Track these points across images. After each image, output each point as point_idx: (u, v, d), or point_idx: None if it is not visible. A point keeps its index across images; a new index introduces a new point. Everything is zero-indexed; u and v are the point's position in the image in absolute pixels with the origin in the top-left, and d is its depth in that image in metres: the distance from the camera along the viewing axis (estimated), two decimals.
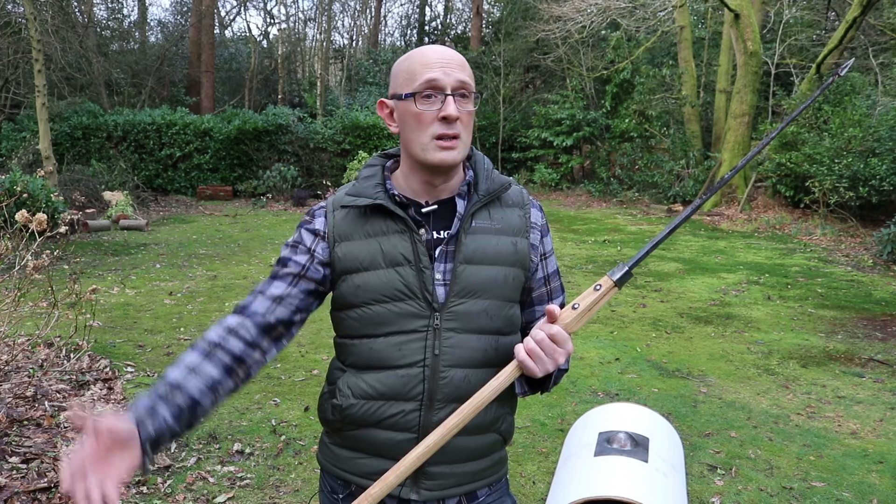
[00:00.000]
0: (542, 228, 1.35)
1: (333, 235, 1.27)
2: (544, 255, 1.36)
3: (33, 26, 10.43)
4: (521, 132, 17.32)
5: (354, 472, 1.29)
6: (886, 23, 14.22)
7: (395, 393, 1.23)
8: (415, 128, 1.21)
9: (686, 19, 15.26)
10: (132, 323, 5.61)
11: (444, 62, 1.20)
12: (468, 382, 1.23)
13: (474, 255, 1.25)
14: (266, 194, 15.03)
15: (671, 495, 1.76)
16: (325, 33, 23.51)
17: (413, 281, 1.22)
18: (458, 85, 1.20)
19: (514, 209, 1.32)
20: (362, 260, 1.24)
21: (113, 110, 15.97)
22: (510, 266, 1.28)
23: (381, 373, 1.24)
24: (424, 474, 1.26)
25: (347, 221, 1.27)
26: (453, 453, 1.26)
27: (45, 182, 8.94)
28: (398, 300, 1.22)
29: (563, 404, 4.07)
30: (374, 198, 1.25)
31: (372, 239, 1.25)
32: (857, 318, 6.09)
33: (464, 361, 1.24)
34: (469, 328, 1.24)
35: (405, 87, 1.22)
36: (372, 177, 1.30)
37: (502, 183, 1.31)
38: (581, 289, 7.14)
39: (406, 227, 1.23)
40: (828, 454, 3.48)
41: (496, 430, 1.32)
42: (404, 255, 1.23)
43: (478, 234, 1.26)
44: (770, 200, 12.62)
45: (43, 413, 3.58)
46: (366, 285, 1.23)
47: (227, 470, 3.22)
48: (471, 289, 1.24)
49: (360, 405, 1.25)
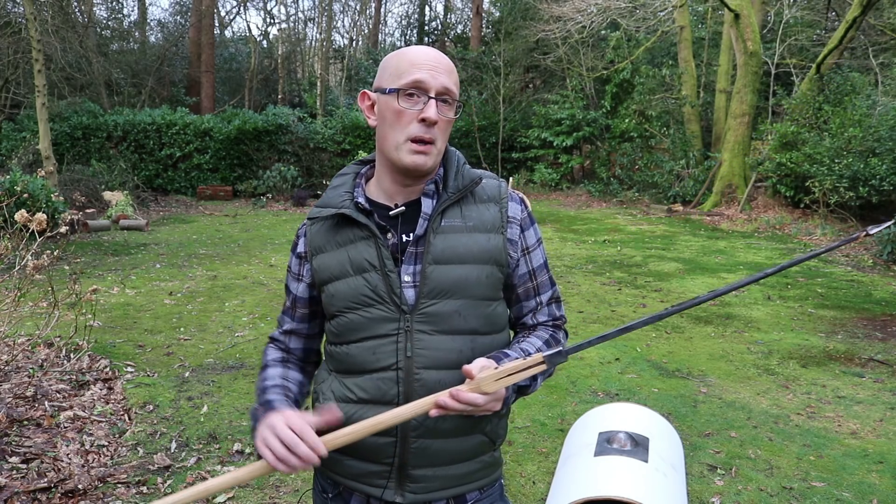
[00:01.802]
0: (521, 222, 1.32)
1: (311, 250, 1.32)
2: (527, 250, 1.33)
3: (33, 26, 10.43)
4: (521, 132, 17.32)
5: (341, 473, 1.31)
6: (886, 23, 14.23)
7: (373, 396, 1.24)
8: (393, 124, 1.22)
9: (686, 19, 15.26)
10: (132, 323, 5.61)
11: (433, 65, 1.21)
12: (443, 384, 1.21)
13: (443, 255, 1.23)
14: (266, 194, 15.03)
15: (671, 495, 1.76)
16: (325, 33, 23.52)
17: (380, 285, 1.23)
18: (443, 90, 1.21)
19: (490, 204, 1.30)
20: (333, 270, 1.27)
21: (113, 110, 15.97)
22: (484, 264, 1.25)
23: (359, 377, 1.26)
24: (409, 477, 1.26)
25: (321, 234, 1.30)
26: (436, 456, 1.25)
27: (45, 182, 8.94)
28: (368, 306, 1.24)
29: (563, 404, 4.07)
30: (338, 207, 1.27)
31: (341, 248, 1.27)
32: (857, 318, 6.09)
33: (438, 363, 1.22)
34: (442, 329, 1.23)
35: (390, 83, 1.22)
36: (341, 185, 1.32)
37: (472, 178, 1.29)
38: (581, 289, 7.15)
39: (370, 233, 1.24)
40: (828, 454, 3.48)
41: (481, 432, 1.29)
42: (369, 261, 1.24)
43: (448, 233, 1.25)
44: (770, 200, 12.62)
45: (43, 413, 3.58)
46: (338, 294, 1.26)
47: (227, 470, 3.22)
48: (441, 289, 1.23)
49: (341, 408, 1.26)
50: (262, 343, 5.13)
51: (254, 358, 4.83)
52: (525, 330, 1.38)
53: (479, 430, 1.29)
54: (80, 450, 3.28)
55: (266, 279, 7.44)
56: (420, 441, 1.24)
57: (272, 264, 8.32)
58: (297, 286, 1.37)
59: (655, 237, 10.70)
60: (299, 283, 1.36)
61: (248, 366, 4.66)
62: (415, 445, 1.24)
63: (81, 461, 3.17)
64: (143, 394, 4.09)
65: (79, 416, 3.62)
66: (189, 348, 5.02)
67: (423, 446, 1.24)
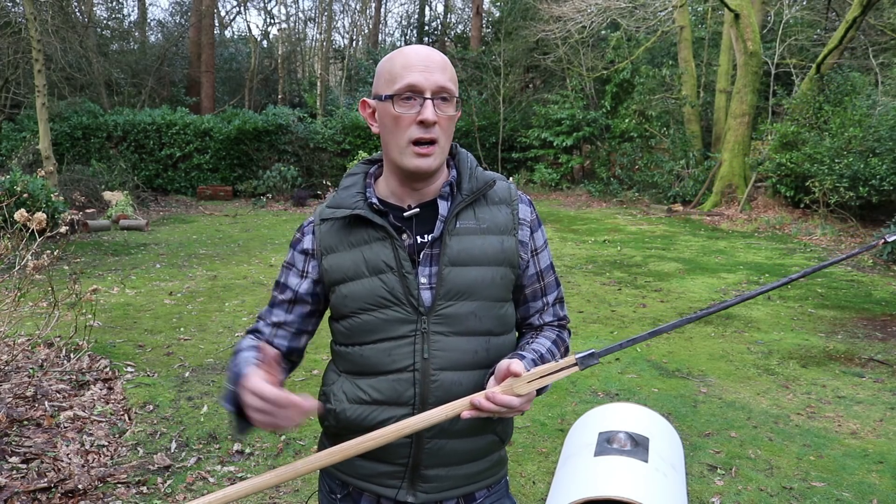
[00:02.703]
0: (531, 224, 1.33)
1: (320, 249, 1.30)
2: (535, 251, 1.34)
3: (33, 26, 10.44)
4: (521, 132, 17.31)
5: (352, 473, 1.31)
6: (886, 23, 14.23)
7: (388, 398, 1.24)
8: (392, 130, 1.22)
9: (686, 19, 15.26)
10: (132, 323, 5.61)
11: (425, 65, 1.20)
12: (459, 385, 1.22)
13: (459, 257, 1.24)
14: (266, 194, 15.03)
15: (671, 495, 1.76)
16: (325, 33, 23.52)
17: (397, 287, 1.22)
18: (438, 89, 1.20)
19: (501, 206, 1.31)
20: (347, 270, 1.26)
21: (113, 110, 15.98)
22: (498, 265, 1.27)
23: (373, 378, 1.25)
24: (421, 477, 1.26)
25: (332, 233, 1.29)
26: (449, 456, 1.26)
27: (45, 182, 8.94)
28: (384, 307, 1.23)
29: (563, 404, 4.07)
30: (352, 208, 1.26)
31: (355, 249, 1.26)
32: (857, 318, 6.09)
33: (454, 364, 1.23)
34: (458, 330, 1.23)
35: (385, 89, 1.22)
36: (352, 186, 1.32)
37: (486, 181, 1.30)
38: (581, 289, 7.15)
39: (386, 234, 1.24)
40: (828, 454, 3.48)
41: (492, 432, 1.31)
42: (386, 263, 1.23)
43: (463, 235, 1.25)
44: (770, 200, 12.61)
45: (43, 413, 3.58)
46: (352, 295, 1.25)
47: (227, 470, 3.22)
48: (457, 291, 1.23)
49: (354, 409, 1.26)
50: None
51: None
52: (531, 330, 1.39)
53: (491, 430, 1.30)
54: (80, 450, 3.28)
55: (266, 279, 7.44)
56: (434, 441, 1.25)
57: (272, 264, 8.32)
58: (301, 282, 1.33)
59: (655, 237, 10.70)
60: (303, 280, 1.33)
61: None
62: (429, 446, 1.25)
63: (81, 461, 3.17)
64: (143, 394, 4.09)
65: (79, 416, 3.62)
66: (189, 348, 5.02)
67: (437, 447, 1.25)
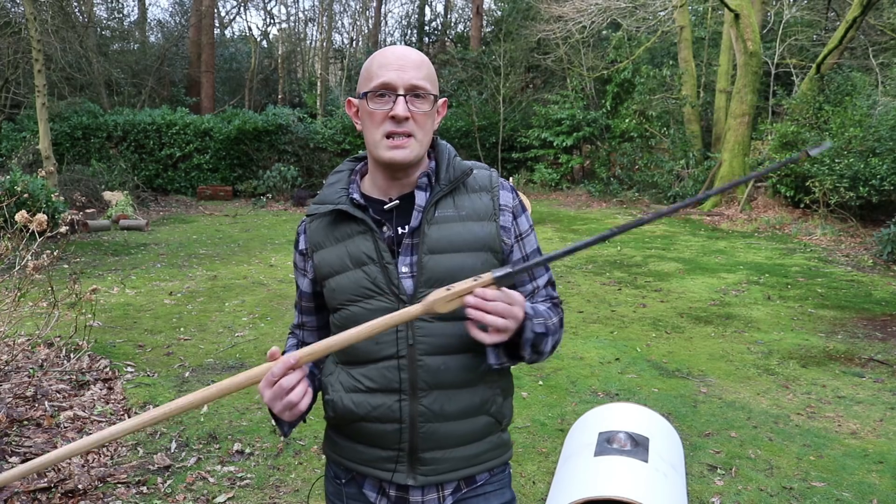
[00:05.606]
0: (514, 209, 1.36)
1: (311, 246, 1.37)
2: (520, 236, 1.37)
3: (33, 26, 10.43)
4: (521, 132, 17.31)
5: (353, 459, 1.36)
6: (886, 23, 14.23)
7: (380, 385, 1.29)
8: (368, 125, 1.28)
9: (686, 19, 15.26)
10: (132, 323, 5.61)
11: (400, 64, 1.25)
12: (446, 369, 1.27)
13: (438, 245, 1.28)
14: (266, 194, 15.03)
15: (671, 495, 1.76)
16: (325, 33, 23.52)
17: (379, 277, 1.27)
18: (411, 86, 1.24)
19: (482, 193, 1.34)
20: (333, 264, 1.32)
21: (113, 110, 15.98)
22: (479, 251, 1.30)
23: (364, 367, 1.31)
24: (419, 460, 1.30)
25: (319, 230, 1.36)
26: (445, 439, 1.30)
27: (45, 182, 8.94)
28: (368, 297, 1.28)
29: (563, 404, 4.07)
30: (335, 203, 1.32)
31: (340, 243, 1.32)
32: (857, 318, 6.09)
33: (439, 349, 1.27)
34: (441, 316, 1.25)
35: (363, 87, 1.28)
36: (337, 182, 1.37)
37: (463, 169, 1.34)
38: (581, 289, 7.15)
39: (367, 227, 1.29)
40: (828, 454, 3.48)
41: (486, 413, 1.33)
42: (367, 254, 1.28)
43: (442, 223, 1.29)
44: (770, 200, 12.61)
45: (43, 413, 3.58)
46: (339, 288, 1.31)
47: (227, 470, 3.22)
48: (438, 278, 1.26)
49: (349, 398, 1.31)
50: (263, 343, 5.14)
51: (254, 358, 4.83)
52: None
53: (485, 412, 1.33)
54: None
55: (266, 279, 7.44)
56: (428, 426, 1.29)
57: (272, 264, 8.32)
58: (303, 281, 1.42)
59: (655, 237, 10.70)
60: (304, 279, 1.41)
61: (249, 366, 4.65)
62: (423, 430, 1.29)
63: (81, 461, 3.17)
64: (143, 394, 4.09)
65: (79, 416, 3.62)
66: (189, 348, 5.02)
67: (431, 430, 1.29)
